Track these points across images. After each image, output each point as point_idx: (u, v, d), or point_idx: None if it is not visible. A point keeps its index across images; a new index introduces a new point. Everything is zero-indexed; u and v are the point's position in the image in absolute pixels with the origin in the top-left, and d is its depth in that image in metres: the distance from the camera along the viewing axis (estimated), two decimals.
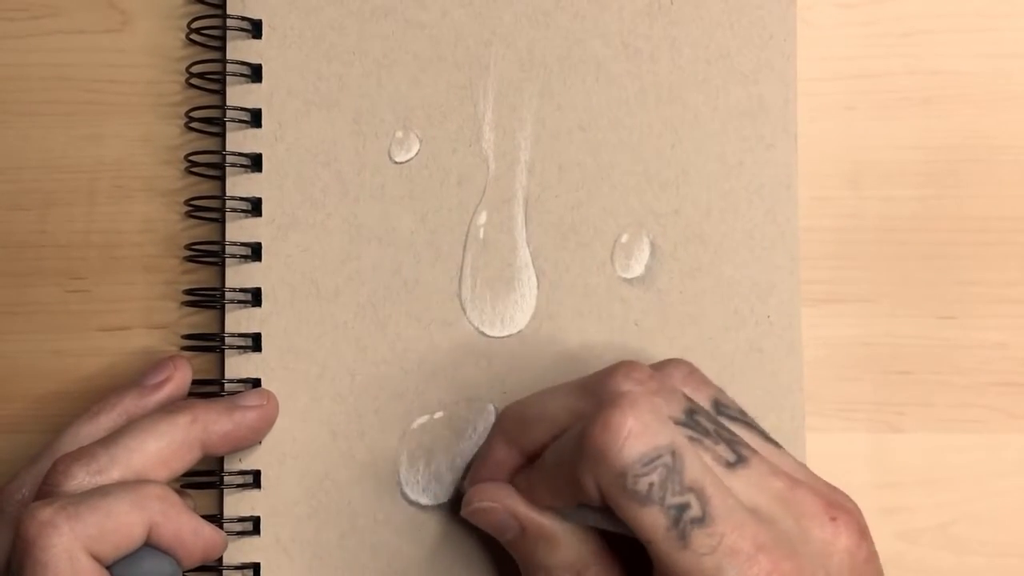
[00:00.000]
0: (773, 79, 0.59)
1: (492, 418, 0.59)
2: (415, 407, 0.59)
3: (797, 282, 0.59)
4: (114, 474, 0.52)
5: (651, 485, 0.46)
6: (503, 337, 0.59)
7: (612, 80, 0.60)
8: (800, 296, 0.59)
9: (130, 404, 0.56)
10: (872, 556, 0.49)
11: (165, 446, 0.53)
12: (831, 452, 0.59)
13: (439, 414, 0.59)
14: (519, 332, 0.59)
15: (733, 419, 0.51)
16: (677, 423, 0.48)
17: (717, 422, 0.50)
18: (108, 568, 0.50)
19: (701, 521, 0.46)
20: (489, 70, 0.60)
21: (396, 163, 0.60)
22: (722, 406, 0.52)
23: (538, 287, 0.59)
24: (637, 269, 0.59)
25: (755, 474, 0.48)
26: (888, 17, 0.61)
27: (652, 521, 0.46)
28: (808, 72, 0.60)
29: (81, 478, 0.51)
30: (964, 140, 0.61)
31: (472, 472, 0.56)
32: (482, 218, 0.59)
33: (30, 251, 0.61)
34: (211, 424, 0.55)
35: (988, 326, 0.60)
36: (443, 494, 0.59)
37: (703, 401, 0.51)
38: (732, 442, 0.49)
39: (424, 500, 0.59)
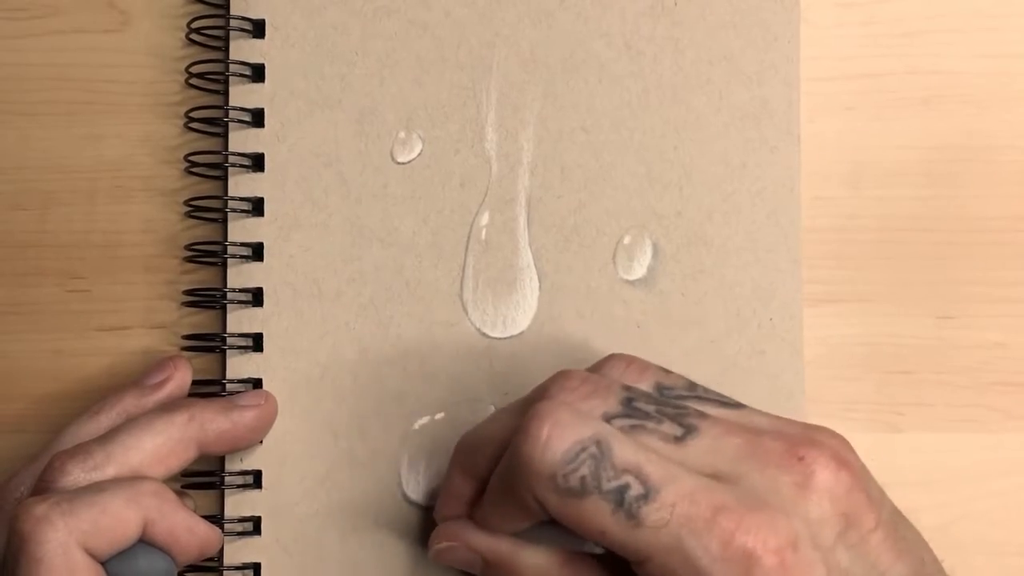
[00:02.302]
0: (777, 81, 0.59)
1: None
2: (416, 408, 0.59)
3: (799, 284, 0.59)
4: (109, 471, 0.52)
5: (583, 478, 0.45)
6: (505, 338, 0.59)
7: (615, 81, 0.60)
8: (802, 298, 0.59)
9: (130, 404, 0.56)
10: (855, 485, 0.47)
11: (162, 444, 0.53)
12: None
13: (440, 415, 0.59)
14: (521, 333, 0.59)
15: (679, 396, 0.50)
16: (614, 416, 0.48)
17: (660, 401, 0.49)
18: (103, 564, 0.50)
19: (646, 497, 0.45)
20: (492, 71, 0.60)
21: (398, 164, 0.60)
22: (665, 388, 0.50)
23: (540, 288, 0.59)
24: (639, 271, 0.59)
25: (707, 440, 0.47)
26: (888, 17, 0.61)
27: (595, 509, 0.45)
28: (808, 72, 0.60)
29: (76, 475, 0.51)
30: (964, 140, 0.61)
31: (436, 508, 0.55)
32: (484, 219, 0.59)
33: (30, 251, 0.61)
34: (208, 423, 0.55)
35: (988, 326, 0.60)
36: None
37: (646, 387, 0.50)
38: (678, 416, 0.48)
39: (425, 501, 0.59)
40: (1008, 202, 0.61)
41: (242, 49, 0.60)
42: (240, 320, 0.59)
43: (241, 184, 0.60)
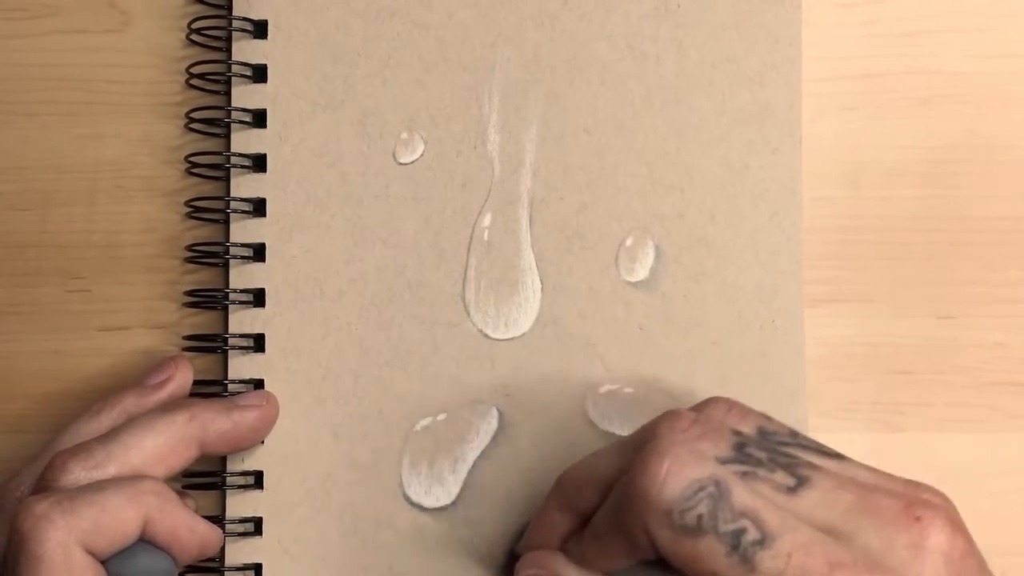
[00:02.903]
0: (779, 83, 0.59)
1: (495, 421, 0.59)
2: (418, 409, 0.59)
3: (800, 287, 0.59)
4: (111, 470, 0.52)
5: (700, 516, 0.45)
6: (507, 340, 0.59)
7: (618, 83, 0.60)
8: (803, 300, 0.59)
9: (131, 403, 0.56)
10: (969, 551, 0.46)
11: (163, 443, 0.53)
12: None
13: (442, 416, 0.59)
14: (523, 335, 0.59)
15: (783, 443, 0.49)
16: (727, 461, 0.47)
17: (771, 449, 0.48)
18: (103, 563, 0.50)
19: (762, 543, 0.44)
20: (494, 72, 0.60)
21: (401, 164, 0.59)
22: (768, 433, 0.50)
23: (542, 290, 0.59)
24: (641, 273, 0.59)
25: (820, 492, 0.46)
26: (888, 17, 0.61)
27: (709, 550, 0.45)
28: (808, 72, 0.60)
29: (77, 473, 0.51)
30: (964, 140, 0.61)
31: (526, 537, 0.55)
32: (486, 220, 0.59)
33: (30, 251, 0.61)
34: (209, 423, 0.55)
35: (988, 326, 0.61)
36: (445, 496, 0.59)
37: (748, 431, 0.50)
38: (790, 465, 0.47)
39: (426, 502, 0.59)
40: (1008, 202, 0.61)
41: (244, 50, 0.60)
42: (242, 321, 0.59)
43: (243, 185, 0.59)
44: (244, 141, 0.60)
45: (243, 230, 0.59)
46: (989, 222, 0.61)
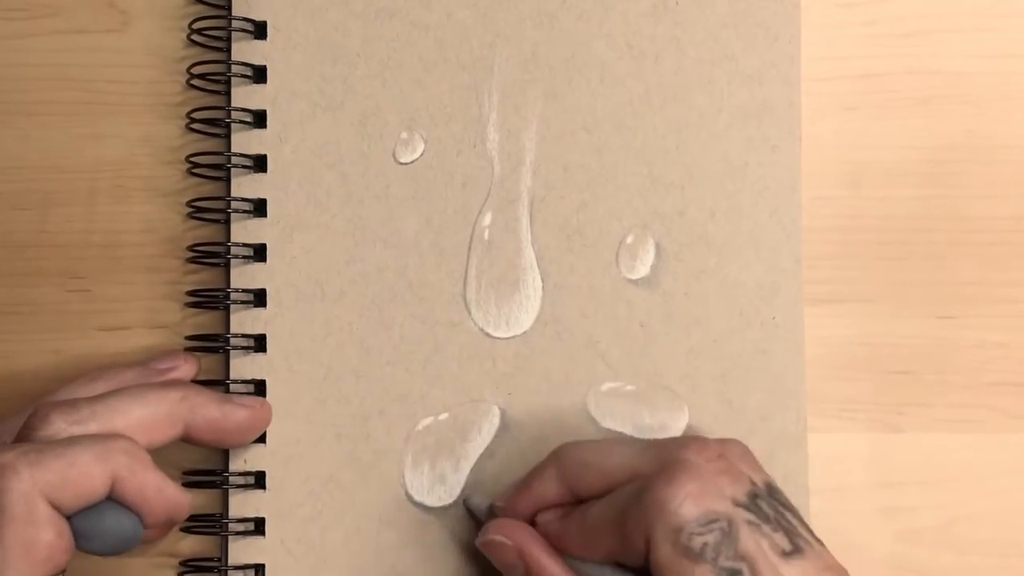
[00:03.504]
0: (778, 80, 0.59)
1: (497, 419, 0.59)
2: (420, 408, 0.59)
3: (801, 284, 0.59)
4: (91, 428, 0.51)
5: (705, 544, 0.47)
6: (508, 338, 0.59)
7: (617, 81, 0.60)
8: (803, 297, 0.59)
9: (129, 379, 0.57)
10: None
11: (150, 414, 0.53)
12: (831, 452, 0.60)
13: (444, 416, 0.59)
14: (524, 333, 0.59)
15: (786, 507, 0.51)
16: (740, 505, 0.49)
17: (776, 509, 0.50)
18: (69, 519, 0.49)
19: None
20: (493, 71, 0.60)
21: (401, 164, 0.60)
22: (775, 492, 0.51)
23: (543, 288, 0.59)
24: (642, 270, 0.59)
25: (809, 566, 0.49)
26: (888, 17, 0.61)
27: None
28: (809, 72, 0.60)
29: (58, 425, 0.51)
30: (964, 140, 0.61)
31: (512, 495, 0.55)
32: (487, 219, 0.59)
33: (30, 251, 0.61)
34: (199, 407, 0.55)
35: (988, 326, 0.61)
36: (448, 496, 0.59)
37: (760, 485, 0.51)
38: (790, 531, 0.49)
39: (429, 502, 0.59)
40: (1008, 202, 0.61)
41: (244, 50, 0.60)
42: (243, 321, 0.59)
43: (243, 185, 0.59)
44: (244, 141, 0.60)
45: (244, 230, 0.59)
46: (989, 222, 0.61)
